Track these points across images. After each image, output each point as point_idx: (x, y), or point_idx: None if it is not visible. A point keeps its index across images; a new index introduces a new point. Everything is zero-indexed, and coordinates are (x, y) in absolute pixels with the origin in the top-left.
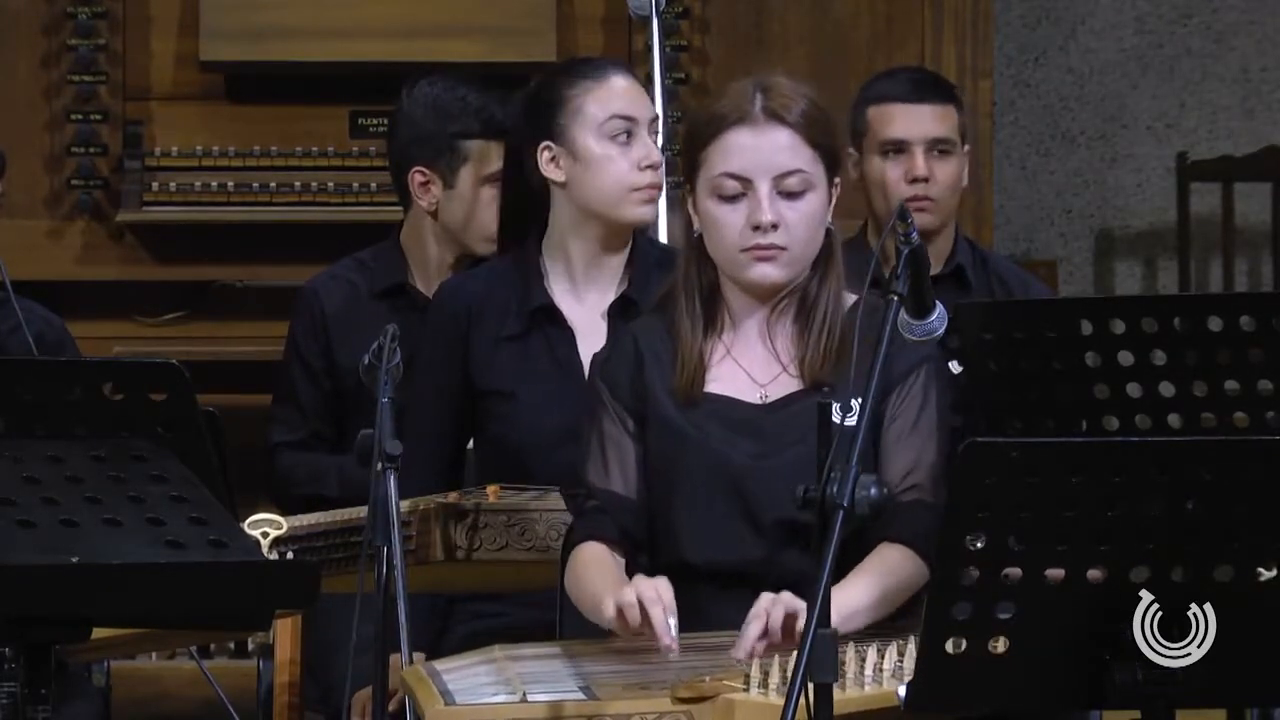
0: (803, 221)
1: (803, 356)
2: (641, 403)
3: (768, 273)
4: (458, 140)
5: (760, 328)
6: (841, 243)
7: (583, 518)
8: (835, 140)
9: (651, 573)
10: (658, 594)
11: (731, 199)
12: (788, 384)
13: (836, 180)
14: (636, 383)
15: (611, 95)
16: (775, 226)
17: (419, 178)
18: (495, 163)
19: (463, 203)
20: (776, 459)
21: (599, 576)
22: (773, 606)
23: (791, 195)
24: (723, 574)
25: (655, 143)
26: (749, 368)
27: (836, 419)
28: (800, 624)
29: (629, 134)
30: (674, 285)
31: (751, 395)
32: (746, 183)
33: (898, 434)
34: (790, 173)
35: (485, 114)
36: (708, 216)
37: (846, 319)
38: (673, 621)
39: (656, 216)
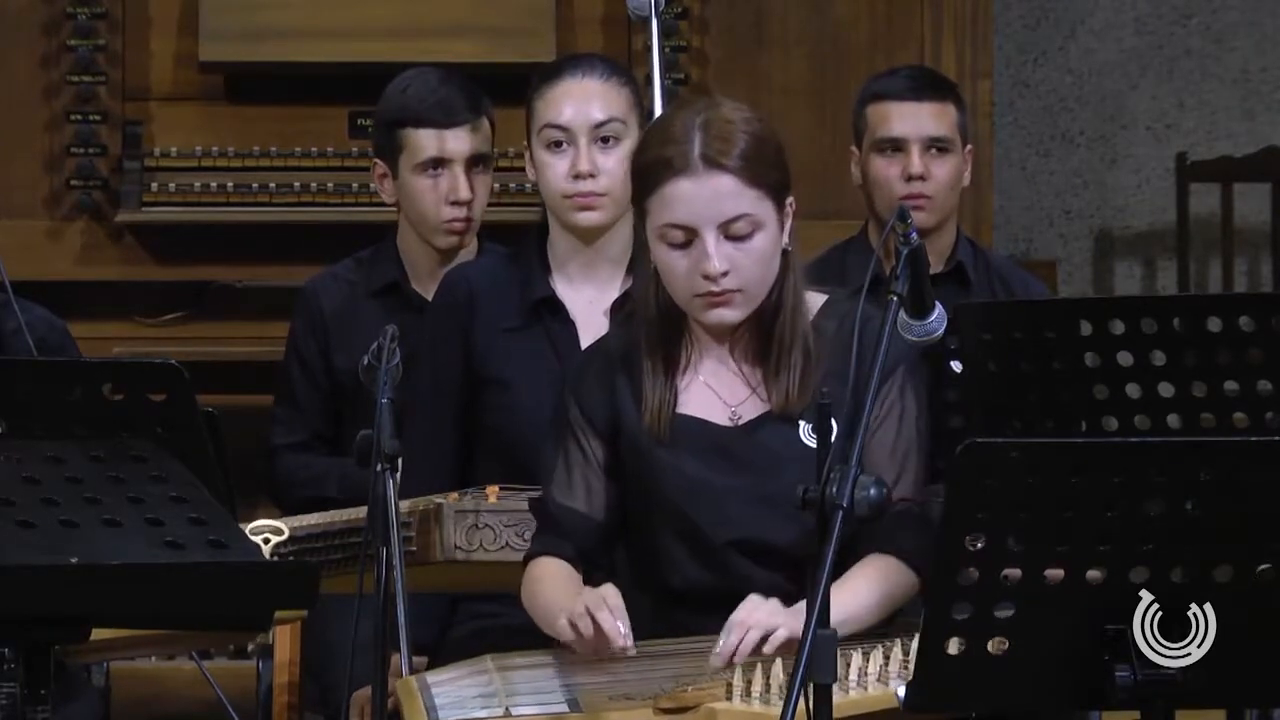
0: (754, 261)
1: (767, 381)
2: (614, 422)
3: (724, 315)
4: (394, 129)
5: (723, 354)
6: (843, 242)
7: (542, 533)
8: (781, 170)
9: (638, 598)
10: (603, 599)
11: (680, 246)
12: (757, 406)
13: (789, 202)
14: (609, 403)
15: (549, 103)
16: (726, 274)
17: (377, 170)
18: (426, 151)
19: (405, 193)
20: (750, 482)
21: (554, 590)
22: (749, 626)
23: (739, 238)
24: (704, 596)
25: (620, 147)
26: (718, 389)
27: (807, 441)
28: (771, 643)
29: (561, 143)
30: (636, 309)
31: (722, 417)
32: (691, 232)
33: (881, 447)
34: (735, 219)
35: (415, 100)
36: (659, 262)
37: (811, 332)
38: (622, 624)
39: (600, 223)
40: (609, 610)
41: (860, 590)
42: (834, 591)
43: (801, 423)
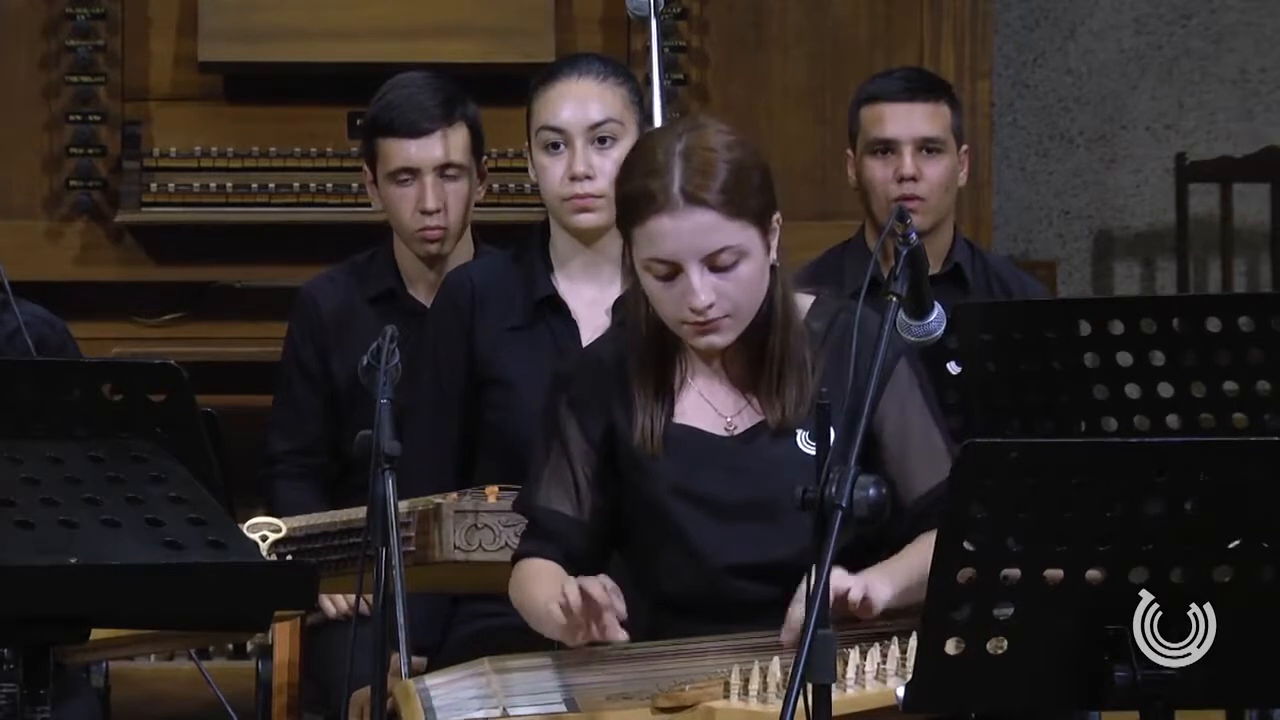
0: (740, 289)
1: (760, 395)
2: (610, 434)
3: (714, 341)
4: (371, 137)
5: (716, 366)
6: (841, 244)
7: (527, 538)
8: (764, 194)
9: (638, 607)
10: (595, 578)
11: (665, 278)
12: (752, 416)
13: (775, 219)
14: (604, 415)
15: (546, 104)
16: (712, 305)
17: (366, 177)
18: (395, 160)
19: (383, 201)
20: (748, 492)
21: (542, 587)
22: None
23: (724, 269)
24: (698, 604)
25: (617, 147)
26: (712, 400)
27: (804, 448)
28: (854, 601)
29: (558, 145)
30: (626, 321)
31: (717, 428)
32: (675, 266)
33: (917, 444)
34: (718, 251)
35: (386, 109)
36: (647, 289)
37: (805, 341)
38: (618, 601)
39: (597, 224)
40: (602, 585)
41: (916, 565)
42: (893, 562)
43: (799, 430)
